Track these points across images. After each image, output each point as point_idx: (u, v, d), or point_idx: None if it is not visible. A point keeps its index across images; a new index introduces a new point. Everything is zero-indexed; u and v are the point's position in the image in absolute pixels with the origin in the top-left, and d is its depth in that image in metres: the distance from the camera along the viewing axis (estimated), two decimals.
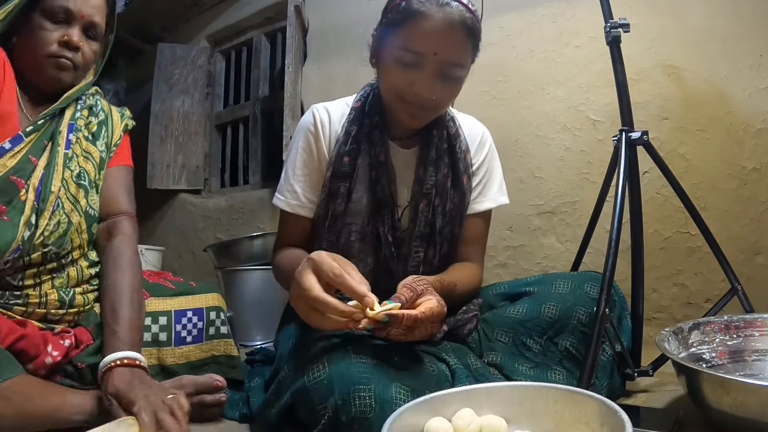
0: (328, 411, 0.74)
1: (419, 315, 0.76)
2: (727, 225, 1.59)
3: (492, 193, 1.11)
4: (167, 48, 3.04)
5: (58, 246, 0.98)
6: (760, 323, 0.99)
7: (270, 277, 2.08)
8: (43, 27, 0.98)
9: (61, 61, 0.99)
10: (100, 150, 1.09)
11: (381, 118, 1.03)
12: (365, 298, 0.74)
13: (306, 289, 0.74)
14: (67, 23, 1.00)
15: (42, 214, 0.95)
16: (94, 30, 1.04)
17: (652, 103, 1.71)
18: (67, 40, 0.99)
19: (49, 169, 0.98)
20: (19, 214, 0.92)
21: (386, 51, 0.95)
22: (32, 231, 0.94)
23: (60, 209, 0.98)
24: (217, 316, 1.14)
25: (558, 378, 0.92)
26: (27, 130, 0.97)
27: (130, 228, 1.09)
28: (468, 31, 0.91)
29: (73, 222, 1.01)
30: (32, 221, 0.94)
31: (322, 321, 0.75)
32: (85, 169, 1.06)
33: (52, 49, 0.98)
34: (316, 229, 1.05)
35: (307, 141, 1.05)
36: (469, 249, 1.10)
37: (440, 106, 0.98)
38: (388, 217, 1.01)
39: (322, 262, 0.76)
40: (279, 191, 1.07)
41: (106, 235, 1.08)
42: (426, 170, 1.03)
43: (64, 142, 1.02)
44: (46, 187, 0.96)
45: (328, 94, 2.36)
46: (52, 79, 1.01)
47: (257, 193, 2.72)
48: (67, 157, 1.02)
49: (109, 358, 0.86)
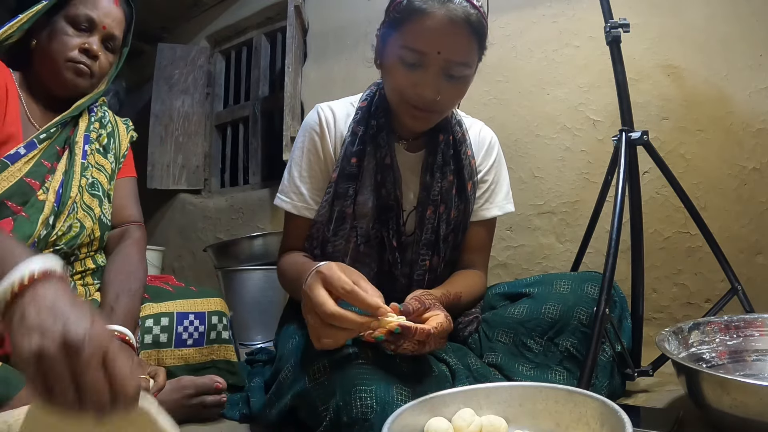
0: (330, 412, 0.74)
1: (432, 330, 0.76)
2: (727, 225, 1.59)
3: (499, 200, 1.09)
4: (167, 48, 3.04)
5: (69, 246, 1.03)
6: (760, 323, 0.99)
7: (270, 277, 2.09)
8: (65, 32, 1.02)
9: (79, 67, 1.03)
10: (110, 162, 1.16)
11: (387, 120, 1.01)
12: (379, 309, 0.72)
13: (319, 304, 0.72)
14: (89, 32, 1.05)
15: (59, 216, 1.01)
16: (112, 42, 1.09)
17: (652, 103, 1.71)
18: (87, 47, 1.03)
19: (68, 176, 1.04)
20: (38, 212, 0.97)
21: (389, 51, 0.93)
22: (48, 231, 0.98)
23: (74, 213, 1.04)
24: (219, 320, 1.14)
25: (558, 378, 0.92)
26: (40, 137, 1.01)
27: (140, 234, 1.17)
28: (472, 28, 0.88)
29: (86, 226, 1.06)
30: (50, 221, 0.99)
31: (337, 335, 0.73)
32: (98, 180, 1.12)
33: (73, 54, 1.02)
34: (318, 231, 1.02)
35: (312, 141, 1.03)
36: (473, 256, 1.09)
37: (445, 107, 0.96)
38: (393, 221, 1.00)
39: (332, 276, 0.73)
40: (283, 193, 1.04)
41: (117, 240, 1.14)
42: (433, 176, 1.02)
43: (81, 152, 1.08)
44: (66, 191, 1.02)
45: (328, 94, 2.36)
46: (70, 83, 1.04)
47: (257, 193, 2.72)
48: (83, 166, 1.08)
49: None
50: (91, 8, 1.04)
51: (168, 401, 0.96)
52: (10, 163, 0.96)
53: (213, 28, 3.09)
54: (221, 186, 3.11)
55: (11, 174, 0.95)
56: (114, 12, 1.08)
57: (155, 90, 2.97)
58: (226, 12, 3.02)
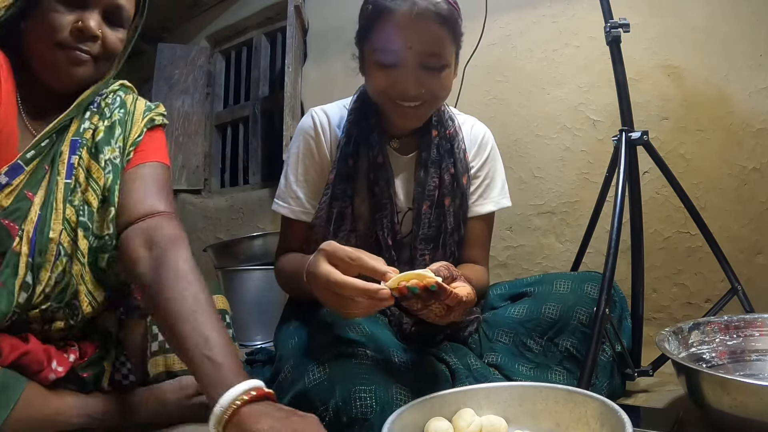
0: (329, 412, 0.73)
1: (464, 297, 0.73)
2: (727, 225, 1.59)
3: (494, 196, 1.09)
4: (167, 48, 3.04)
5: (59, 301, 0.83)
6: (760, 323, 0.99)
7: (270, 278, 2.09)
8: (54, 8, 0.78)
9: (73, 54, 0.80)
10: (109, 157, 0.90)
11: (377, 120, 1.02)
12: (386, 274, 0.71)
13: (324, 275, 0.71)
14: (82, 7, 0.80)
15: (42, 268, 0.79)
16: (119, 14, 0.84)
17: (652, 103, 1.71)
18: (81, 27, 0.79)
19: (46, 210, 0.80)
20: (13, 276, 0.77)
21: (366, 57, 0.95)
22: (30, 292, 0.78)
23: (62, 257, 0.82)
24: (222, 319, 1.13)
25: (558, 378, 0.92)
26: (27, 157, 0.80)
27: (175, 229, 0.84)
28: (441, 17, 0.87)
29: (74, 274, 0.84)
30: (29, 281, 0.78)
31: (356, 307, 0.71)
32: (87, 200, 0.87)
33: (63, 37, 0.79)
34: (319, 233, 1.01)
35: (307, 145, 1.03)
36: (473, 252, 1.09)
37: (435, 98, 0.95)
38: (387, 221, 1.00)
39: (335, 249, 0.73)
40: (280, 198, 1.05)
41: (144, 242, 0.82)
42: (427, 172, 1.02)
43: (66, 169, 0.84)
44: (42, 234, 0.79)
45: (328, 94, 2.36)
46: (66, 76, 0.82)
47: (257, 193, 2.72)
48: (68, 188, 0.84)
49: (230, 395, 0.59)
50: None
51: (168, 401, 0.96)
52: None
53: (213, 28, 3.09)
54: (221, 186, 3.11)
55: None
56: None
57: (155, 90, 2.97)
58: (226, 12, 3.02)
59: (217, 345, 0.65)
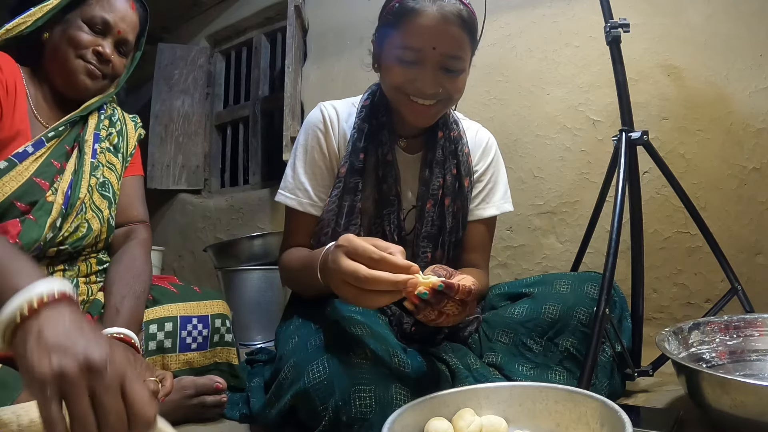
0: (329, 412, 0.74)
1: (472, 286, 0.72)
2: (727, 225, 1.59)
3: (496, 200, 1.10)
4: (167, 48, 3.03)
5: (74, 247, 1.02)
6: (760, 323, 0.99)
7: (270, 277, 2.09)
8: (80, 29, 1.02)
9: (90, 68, 1.03)
10: (119, 161, 1.15)
11: (388, 118, 1.03)
12: (411, 267, 0.70)
13: (351, 272, 0.70)
14: (103, 34, 1.04)
15: (67, 218, 1.00)
16: (125, 46, 1.09)
17: (652, 103, 1.71)
18: (101, 51, 1.03)
19: (78, 176, 1.03)
20: (47, 215, 0.96)
21: (386, 53, 0.96)
22: (55, 233, 0.97)
23: (82, 215, 1.03)
24: (222, 323, 1.14)
25: (558, 378, 0.93)
26: (48, 135, 1.01)
27: (145, 234, 1.15)
28: (464, 23, 0.91)
29: (93, 228, 1.05)
30: (57, 224, 0.98)
31: (379, 299, 0.71)
32: (109, 180, 1.11)
33: (85, 52, 1.02)
34: (329, 226, 1.01)
35: (316, 138, 1.04)
36: (474, 256, 1.10)
37: (450, 99, 0.98)
38: (393, 216, 1.01)
39: (356, 246, 0.71)
40: (287, 189, 1.04)
41: (122, 239, 1.13)
42: (432, 171, 1.03)
43: (91, 151, 1.07)
44: (74, 192, 1.01)
45: (328, 94, 2.36)
46: (80, 84, 1.03)
47: (257, 193, 2.72)
48: (93, 165, 1.07)
49: (104, 332, 0.87)
50: (108, 11, 1.04)
51: (168, 401, 0.96)
52: (18, 161, 0.95)
53: (213, 28, 3.09)
54: (221, 186, 3.11)
55: (19, 173, 0.95)
56: (129, 16, 1.08)
57: (155, 90, 2.97)
58: (226, 12, 3.02)
59: (127, 304, 0.95)
